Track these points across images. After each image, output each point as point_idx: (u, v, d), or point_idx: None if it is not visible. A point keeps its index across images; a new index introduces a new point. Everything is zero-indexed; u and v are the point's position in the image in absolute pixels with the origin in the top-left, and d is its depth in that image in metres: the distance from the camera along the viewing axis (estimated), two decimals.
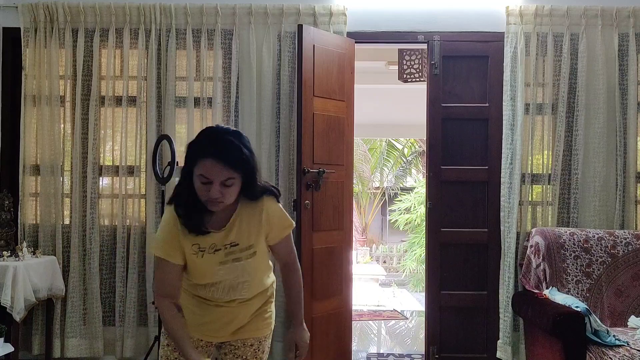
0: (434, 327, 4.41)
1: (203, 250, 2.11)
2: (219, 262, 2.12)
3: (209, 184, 1.99)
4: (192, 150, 2.04)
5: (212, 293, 2.18)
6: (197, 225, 2.08)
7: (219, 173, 1.97)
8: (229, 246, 2.12)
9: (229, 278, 2.15)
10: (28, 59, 4.34)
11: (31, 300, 3.83)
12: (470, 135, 4.42)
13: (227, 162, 1.97)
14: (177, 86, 4.38)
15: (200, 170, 1.99)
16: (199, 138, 2.06)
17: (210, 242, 2.11)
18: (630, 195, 4.28)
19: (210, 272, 2.13)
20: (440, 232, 4.42)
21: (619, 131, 4.27)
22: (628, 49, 4.29)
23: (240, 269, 2.15)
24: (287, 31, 4.31)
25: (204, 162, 1.98)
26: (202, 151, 1.99)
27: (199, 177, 1.99)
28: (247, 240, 2.14)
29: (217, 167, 1.97)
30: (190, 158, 2.04)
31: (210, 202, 2.02)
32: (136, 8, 4.32)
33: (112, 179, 4.43)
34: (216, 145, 1.99)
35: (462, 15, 4.39)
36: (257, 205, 2.15)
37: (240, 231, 2.13)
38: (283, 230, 2.22)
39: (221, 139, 2.01)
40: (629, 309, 3.76)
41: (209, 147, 1.99)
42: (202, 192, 2.01)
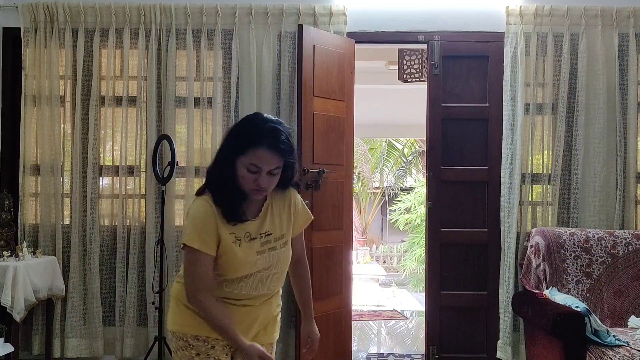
0: (434, 327, 4.41)
1: (239, 239, 2.06)
2: (256, 252, 2.08)
3: (256, 173, 1.97)
4: (243, 138, 1.98)
5: (240, 289, 2.10)
6: (238, 213, 2.04)
7: (270, 162, 1.96)
8: (264, 235, 2.10)
9: (264, 269, 2.11)
10: (28, 59, 4.34)
11: (31, 300, 3.83)
12: (470, 135, 4.42)
13: (279, 151, 1.96)
14: (177, 86, 4.38)
15: (252, 159, 1.95)
16: (248, 126, 2.01)
17: (245, 231, 2.07)
18: (630, 195, 4.28)
19: (249, 262, 2.07)
20: (440, 232, 4.42)
21: (619, 131, 4.27)
22: (628, 49, 4.29)
23: (276, 259, 2.12)
24: (287, 31, 4.32)
25: (257, 151, 1.95)
26: (255, 140, 1.96)
27: (248, 166, 1.96)
28: (280, 229, 2.14)
29: (269, 156, 1.95)
30: (238, 146, 1.98)
31: (255, 190, 2.01)
32: (136, 8, 4.32)
33: (112, 179, 4.43)
34: (269, 134, 1.96)
35: (462, 15, 4.39)
36: (285, 195, 2.16)
37: (273, 220, 2.13)
38: (304, 223, 2.24)
39: (273, 128, 1.98)
40: (629, 309, 3.76)
41: (262, 136, 1.96)
42: (248, 180, 1.98)
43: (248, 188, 2.00)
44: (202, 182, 4.70)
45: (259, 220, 2.10)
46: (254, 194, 2.02)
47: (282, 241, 2.14)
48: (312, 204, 4.01)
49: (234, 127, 2.06)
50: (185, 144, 4.36)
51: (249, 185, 1.99)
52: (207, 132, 4.36)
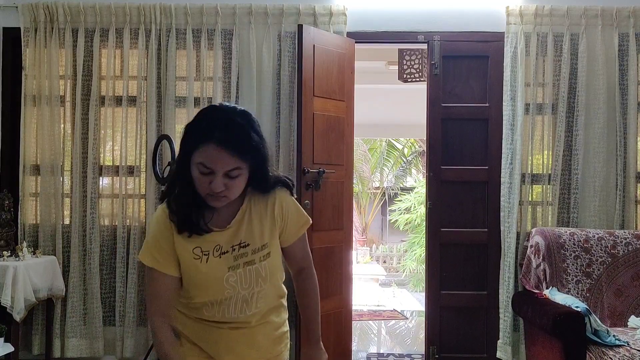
0: (434, 327, 4.41)
1: (207, 253, 1.75)
2: (227, 268, 1.76)
3: (210, 175, 1.65)
4: (191, 133, 1.68)
5: (223, 312, 1.79)
6: (195, 223, 1.73)
7: (223, 162, 1.64)
8: (237, 247, 1.78)
9: (241, 288, 1.78)
10: (28, 59, 4.34)
11: (31, 300, 3.83)
12: (470, 135, 4.42)
13: (233, 149, 1.64)
14: (177, 86, 4.38)
15: (200, 157, 1.65)
16: (198, 118, 1.71)
17: (213, 243, 1.76)
18: (630, 195, 4.28)
19: (218, 282, 1.75)
20: (440, 232, 4.42)
21: (619, 131, 4.27)
22: (628, 48, 4.29)
23: (254, 275, 1.79)
24: (287, 31, 4.32)
25: (205, 148, 1.64)
26: (203, 134, 1.64)
27: (198, 166, 1.65)
28: (260, 239, 1.81)
29: (220, 154, 1.63)
30: (187, 142, 1.69)
31: (211, 196, 1.69)
32: (136, 8, 4.32)
33: (112, 179, 4.43)
34: (220, 127, 1.65)
35: (462, 15, 4.39)
36: (268, 198, 1.83)
37: (251, 229, 1.80)
38: (299, 228, 1.90)
39: (226, 120, 1.67)
40: (629, 309, 3.76)
41: (211, 130, 1.64)
42: (202, 184, 1.67)
43: (203, 193, 1.69)
44: None
45: (231, 230, 1.78)
46: (211, 200, 1.70)
47: (263, 253, 1.81)
48: (312, 204, 4.01)
49: (189, 122, 1.74)
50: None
51: (203, 190, 1.68)
52: None
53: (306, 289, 1.99)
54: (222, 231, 1.78)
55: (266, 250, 1.82)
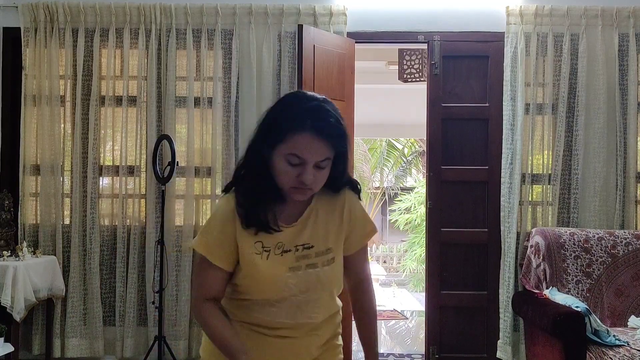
0: (434, 327, 4.41)
1: (268, 250, 1.63)
2: (288, 268, 1.63)
3: (299, 166, 1.54)
4: (280, 122, 1.56)
5: (274, 315, 1.65)
6: (265, 220, 1.61)
7: (316, 152, 1.53)
8: (301, 248, 1.65)
9: (299, 292, 1.65)
10: (28, 59, 4.34)
11: (31, 300, 3.83)
12: (470, 135, 4.41)
13: (327, 137, 1.54)
14: (177, 86, 4.38)
15: (291, 148, 1.53)
16: (283, 107, 1.60)
17: (276, 240, 1.64)
18: (631, 195, 4.27)
19: (277, 281, 1.63)
20: (441, 232, 4.42)
21: (619, 131, 4.27)
22: (628, 49, 4.29)
23: (314, 279, 1.65)
24: (287, 31, 4.31)
25: (299, 138, 1.52)
26: (298, 123, 1.53)
27: (288, 157, 1.54)
28: (324, 242, 1.67)
29: (315, 143, 1.53)
30: (274, 132, 1.56)
31: (296, 189, 1.57)
32: (136, 8, 4.32)
33: (112, 178, 4.43)
34: (314, 115, 1.54)
35: (462, 15, 4.39)
36: (337, 198, 1.71)
37: (316, 230, 1.67)
38: (364, 237, 1.75)
39: (318, 107, 1.56)
40: (629, 309, 3.76)
41: (304, 119, 1.53)
42: (288, 176, 1.55)
43: (287, 186, 1.58)
44: (203, 182, 4.68)
45: (296, 229, 1.66)
46: (296, 193, 1.59)
47: (327, 257, 1.67)
48: None
49: (269, 110, 1.63)
50: (185, 143, 4.36)
51: (289, 183, 1.57)
52: (207, 132, 4.36)
53: (363, 304, 1.81)
54: (288, 229, 1.65)
55: (330, 255, 1.68)
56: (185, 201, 4.33)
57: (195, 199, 4.35)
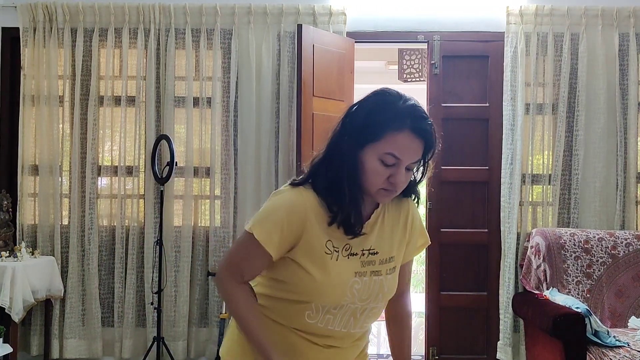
0: (434, 328, 4.39)
1: (337, 250, 1.54)
2: (354, 272, 1.55)
3: (392, 167, 1.48)
4: (380, 120, 1.48)
5: (327, 322, 1.56)
6: (356, 223, 1.53)
7: (413, 152, 1.49)
8: (367, 253, 1.57)
9: (359, 299, 1.56)
10: (27, 59, 4.33)
11: (30, 300, 3.82)
12: (470, 135, 4.40)
13: (425, 138, 1.50)
14: (176, 86, 4.36)
15: (390, 147, 1.46)
16: (386, 103, 1.51)
17: (344, 241, 1.54)
18: (631, 196, 4.26)
19: (342, 285, 1.53)
20: (440, 233, 4.40)
21: (620, 131, 4.26)
22: (628, 48, 4.28)
23: (377, 288, 1.59)
24: (287, 31, 4.30)
25: (400, 137, 1.46)
26: (400, 122, 1.46)
27: (385, 157, 1.46)
28: (389, 250, 1.61)
29: (413, 144, 1.48)
30: (369, 129, 1.48)
31: (384, 191, 1.51)
32: (135, 8, 4.30)
33: (111, 179, 4.41)
34: (416, 114, 1.49)
35: (462, 15, 4.38)
36: (402, 206, 1.65)
37: (382, 236, 1.61)
38: (419, 248, 1.73)
39: (415, 106, 1.51)
40: (630, 310, 3.75)
41: (404, 117, 1.47)
42: (380, 176, 1.48)
43: (376, 188, 1.50)
44: (202, 183, 4.65)
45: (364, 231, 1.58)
46: (383, 195, 1.52)
47: (390, 266, 1.61)
48: None
49: (359, 106, 1.54)
50: (184, 144, 4.35)
51: (378, 184, 1.49)
52: (206, 132, 4.35)
53: (404, 315, 1.78)
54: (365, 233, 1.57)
55: (392, 263, 1.62)
56: (184, 201, 4.32)
57: (194, 199, 4.34)
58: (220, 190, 4.33)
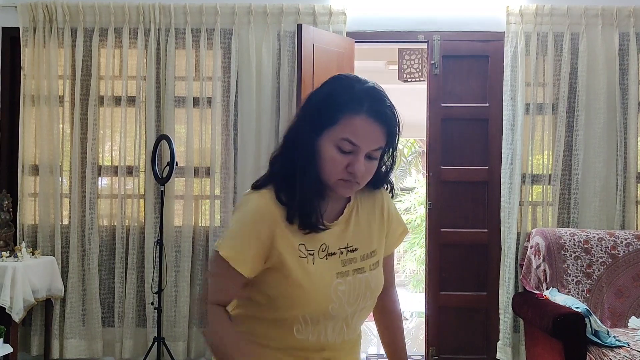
0: (434, 328, 4.39)
1: (312, 253, 1.43)
2: (336, 273, 1.44)
3: (350, 154, 1.37)
4: (335, 102, 1.37)
5: (319, 334, 1.45)
6: (317, 216, 1.41)
7: (371, 138, 1.37)
8: (345, 251, 1.47)
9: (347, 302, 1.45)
10: (27, 59, 4.33)
11: (30, 300, 3.82)
12: (470, 135, 4.40)
13: (384, 122, 1.37)
14: (177, 86, 4.36)
15: (346, 131, 1.35)
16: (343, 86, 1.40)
17: (319, 242, 1.44)
18: (631, 196, 4.26)
19: (324, 290, 1.42)
20: (440, 233, 4.40)
21: (620, 131, 4.26)
22: (629, 48, 4.28)
23: (364, 286, 1.48)
24: (287, 31, 4.30)
25: (356, 120, 1.35)
26: (356, 104, 1.36)
27: (340, 143, 1.36)
28: (369, 244, 1.52)
29: (371, 128, 1.36)
30: (324, 114, 1.38)
31: (344, 182, 1.40)
32: (135, 7, 4.31)
33: (111, 179, 4.42)
34: (370, 97, 1.37)
35: (462, 14, 4.38)
36: (376, 196, 1.55)
37: (359, 231, 1.51)
38: (398, 238, 1.62)
39: (372, 88, 1.40)
40: (630, 310, 3.75)
41: (361, 99, 1.36)
42: (337, 165, 1.37)
43: (335, 178, 1.39)
44: (202, 183, 4.66)
45: (338, 228, 1.48)
46: (343, 187, 1.41)
47: (373, 260, 1.51)
48: None
49: (317, 91, 1.44)
50: (185, 144, 4.35)
51: (337, 174, 1.39)
52: (207, 132, 4.35)
53: (391, 314, 1.66)
54: (330, 228, 1.46)
55: (375, 257, 1.52)
56: (184, 201, 4.32)
57: (195, 199, 4.34)
58: (220, 190, 4.33)
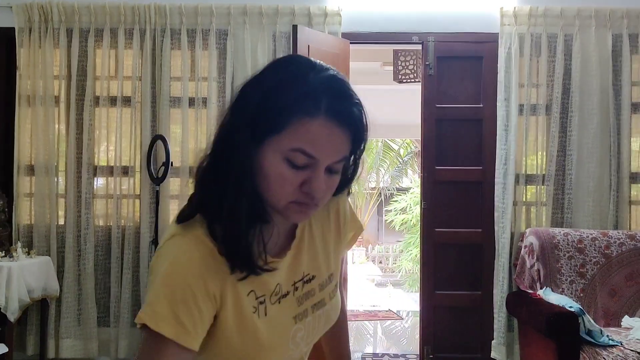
0: (429, 327, 4.41)
1: (262, 301, 1.10)
2: (292, 318, 1.15)
3: (306, 169, 1.01)
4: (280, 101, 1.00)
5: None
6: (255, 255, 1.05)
7: (334, 148, 1.01)
8: (300, 284, 1.16)
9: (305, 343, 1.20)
10: (22, 59, 4.33)
11: (25, 300, 3.82)
12: (464, 135, 4.42)
13: (352, 126, 1.02)
14: (172, 86, 4.37)
15: (299, 140, 0.99)
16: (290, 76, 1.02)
17: (271, 284, 1.11)
18: (624, 196, 4.29)
19: (282, 343, 1.13)
20: (435, 232, 4.42)
21: (613, 132, 4.29)
22: (622, 49, 4.31)
23: (323, 321, 1.22)
24: (282, 31, 4.32)
25: (311, 125, 0.98)
26: (310, 103, 0.99)
27: (292, 155, 1.00)
28: (326, 266, 1.22)
29: (332, 135, 1.00)
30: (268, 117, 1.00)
31: (299, 205, 1.04)
32: (131, 8, 4.31)
33: (107, 179, 4.42)
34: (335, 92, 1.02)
35: (457, 16, 4.40)
36: (329, 203, 1.19)
37: (314, 253, 1.20)
38: (353, 237, 1.31)
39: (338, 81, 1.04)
40: (623, 309, 3.77)
41: (322, 96, 1.00)
42: (288, 185, 1.02)
43: (285, 201, 1.04)
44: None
45: (288, 259, 1.15)
46: (296, 212, 1.05)
47: (331, 287, 1.23)
48: None
49: (255, 81, 1.05)
50: (180, 144, 4.36)
51: (287, 196, 1.03)
52: (202, 133, 4.36)
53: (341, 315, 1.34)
54: (280, 261, 1.13)
55: (333, 282, 1.24)
56: (179, 201, 4.33)
57: None
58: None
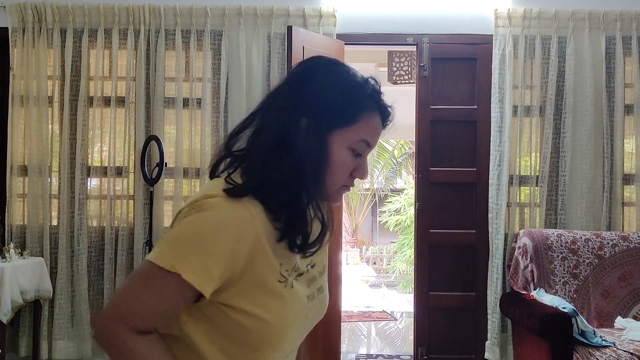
0: (423, 328, 4.42)
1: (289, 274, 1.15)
2: (306, 297, 1.19)
3: (358, 157, 1.17)
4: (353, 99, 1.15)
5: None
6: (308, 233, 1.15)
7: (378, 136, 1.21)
8: (309, 267, 1.22)
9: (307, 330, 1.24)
10: (16, 59, 4.31)
11: (18, 301, 3.81)
12: (458, 137, 4.43)
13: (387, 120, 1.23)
14: (166, 87, 4.36)
15: (366, 132, 1.15)
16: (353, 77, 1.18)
17: (293, 261, 1.17)
18: (617, 197, 4.31)
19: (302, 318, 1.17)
20: (429, 233, 4.43)
21: (606, 133, 4.30)
22: (615, 51, 4.32)
23: (323, 308, 1.27)
24: (277, 32, 4.32)
25: (375, 119, 1.18)
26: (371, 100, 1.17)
27: (358, 144, 1.15)
28: (323, 256, 1.30)
29: (380, 129, 1.20)
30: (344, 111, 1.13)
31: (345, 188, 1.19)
32: (125, 8, 4.30)
33: (101, 179, 4.41)
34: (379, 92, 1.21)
35: (451, 17, 4.41)
36: None
37: None
38: None
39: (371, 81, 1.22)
40: (616, 310, 3.79)
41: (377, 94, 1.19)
42: (346, 170, 1.16)
43: (339, 185, 1.17)
44: (192, 184, 4.64)
45: None
46: (340, 196, 1.21)
47: (325, 276, 1.31)
48: None
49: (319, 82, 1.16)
50: (174, 144, 4.35)
51: (342, 180, 1.16)
52: (196, 133, 4.35)
53: None
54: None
55: (326, 272, 1.31)
56: (173, 202, 4.32)
57: (184, 200, 4.34)
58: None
